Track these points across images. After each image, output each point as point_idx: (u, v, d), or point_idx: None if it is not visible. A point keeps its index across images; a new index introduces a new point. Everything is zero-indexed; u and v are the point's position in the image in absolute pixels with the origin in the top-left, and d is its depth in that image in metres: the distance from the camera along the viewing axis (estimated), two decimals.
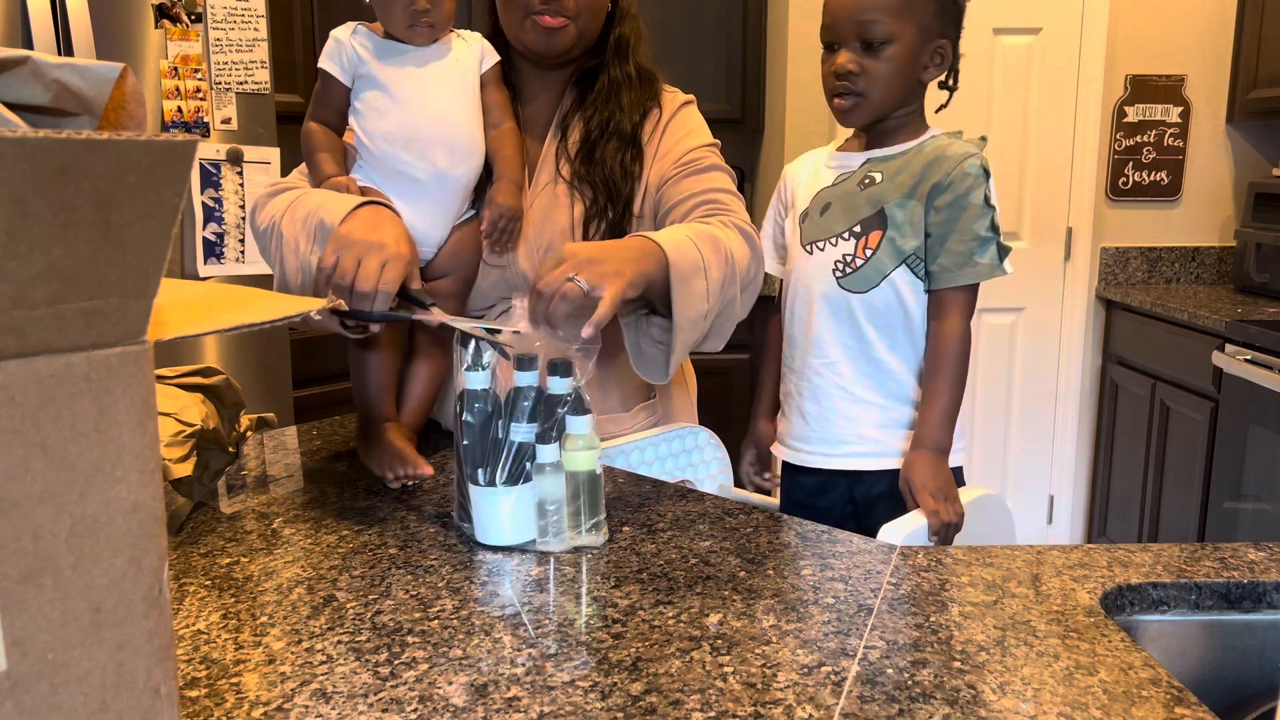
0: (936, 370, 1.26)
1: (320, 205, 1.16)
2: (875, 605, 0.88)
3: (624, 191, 1.31)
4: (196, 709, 0.71)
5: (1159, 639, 0.93)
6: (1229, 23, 3.15)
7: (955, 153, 1.26)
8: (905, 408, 1.30)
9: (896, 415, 1.31)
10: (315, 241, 1.13)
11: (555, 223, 1.32)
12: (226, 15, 2.38)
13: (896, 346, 1.30)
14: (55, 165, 0.38)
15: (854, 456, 1.32)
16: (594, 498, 1.02)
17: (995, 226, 1.25)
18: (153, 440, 0.45)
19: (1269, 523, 2.43)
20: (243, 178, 2.45)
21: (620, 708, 0.71)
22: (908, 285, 1.28)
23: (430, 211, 1.25)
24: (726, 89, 3.32)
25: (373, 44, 1.23)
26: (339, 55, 1.23)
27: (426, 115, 1.23)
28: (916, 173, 1.27)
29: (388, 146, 1.22)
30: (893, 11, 1.23)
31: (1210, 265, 3.34)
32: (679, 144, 1.35)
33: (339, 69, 1.24)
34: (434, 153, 1.22)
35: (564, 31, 1.28)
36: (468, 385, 1.01)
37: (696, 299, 1.14)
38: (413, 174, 1.22)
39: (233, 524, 1.08)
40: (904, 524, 1.16)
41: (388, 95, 1.22)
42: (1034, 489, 3.39)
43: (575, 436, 1.00)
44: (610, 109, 1.33)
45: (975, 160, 1.25)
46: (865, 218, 1.29)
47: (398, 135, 1.22)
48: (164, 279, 0.45)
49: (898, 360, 1.30)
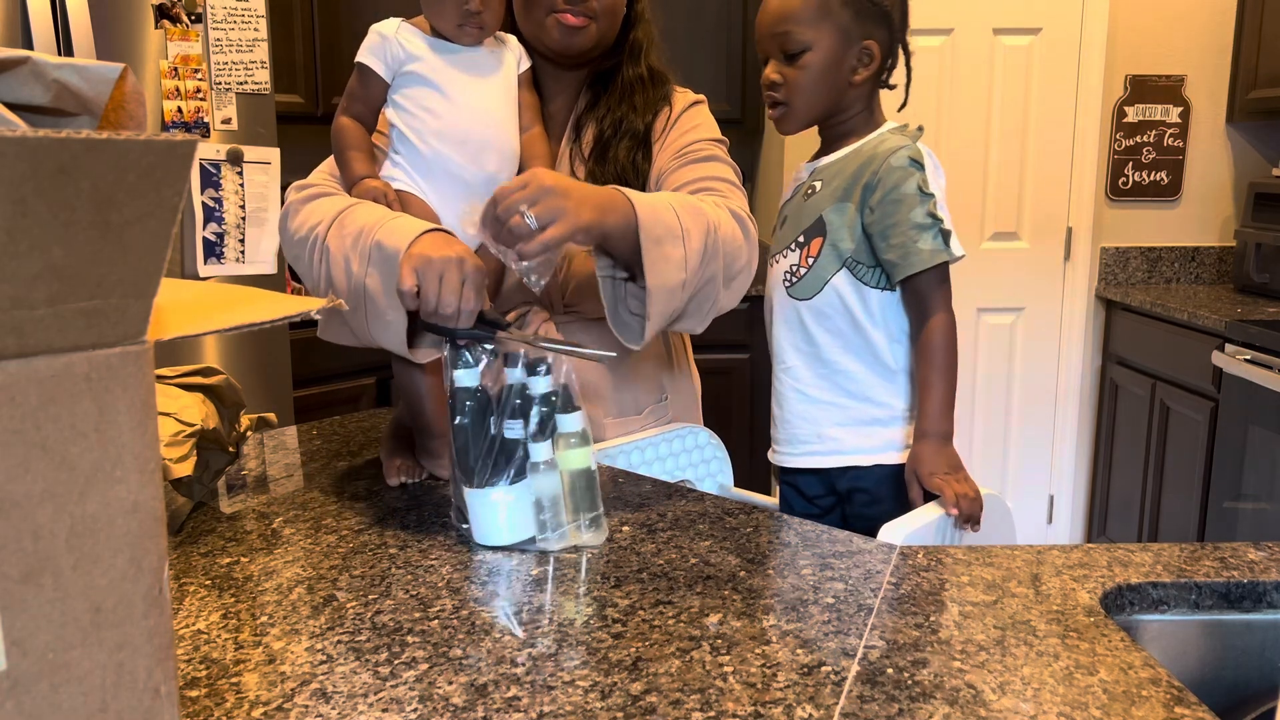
0: (924, 361, 1.28)
1: (375, 225, 1.11)
2: (875, 605, 0.88)
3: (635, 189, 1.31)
4: (196, 709, 0.71)
5: (1159, 639, 0.93)
6: (1229, 23, 3.15)
7: (885, 149, 1.27)
8: (865, 405, 1.32)
9: (856, 413, 1.33)
10: (369, 263, 1.08)
11: None
12: (226, 15, 2.38)
13: (849, 348, 1.32)
14: (55, 165, 0.38)
15: (814, 455, 1.36)
16: (590, 494, 1.02)
17: (933, 213, 1.24)
18: (153, 440, 0.45)
19: (1269, 523, 2.43)
20: (243, 178, 2.45)
21: (620, 708, 0.71)
22: (849, 287, 1.30)
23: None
24: (726, 89, 3.32)
25: (425, 42, 1.20)
26: (383, 51, 1.20)
27: (480, 118, 1.21)
28: (849, 175, 1.30)
29: (440, 146, 1.20)
30: (806, 20, 1.26)
31: (1210, 265, 3.34)
32: (683, 137, 1.36)
33: (382, 64, 1.20)
34: (485, 156, 1.21)
35: (585, 31, 1.29)
36: (457, 384, 1.01)
37: (673, 266, 1.12)
38: (464, 176, 1.20)
39: (233, 524, 1.08)
40: (904, 524, 1.16)
41: (441, 94, 1.19)
42: (1034, 489, 3.39)
43: (567, 434, 1.00)
44: (624, 109, 1.35)
45: (904, 153, 1.26)
46: (807, 227, 1.33)
47: (452, 136, 1.20)
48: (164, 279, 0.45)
49: (852, 360, 1.32)
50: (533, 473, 1.00)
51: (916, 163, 1.25)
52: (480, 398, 1.01)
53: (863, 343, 1.31)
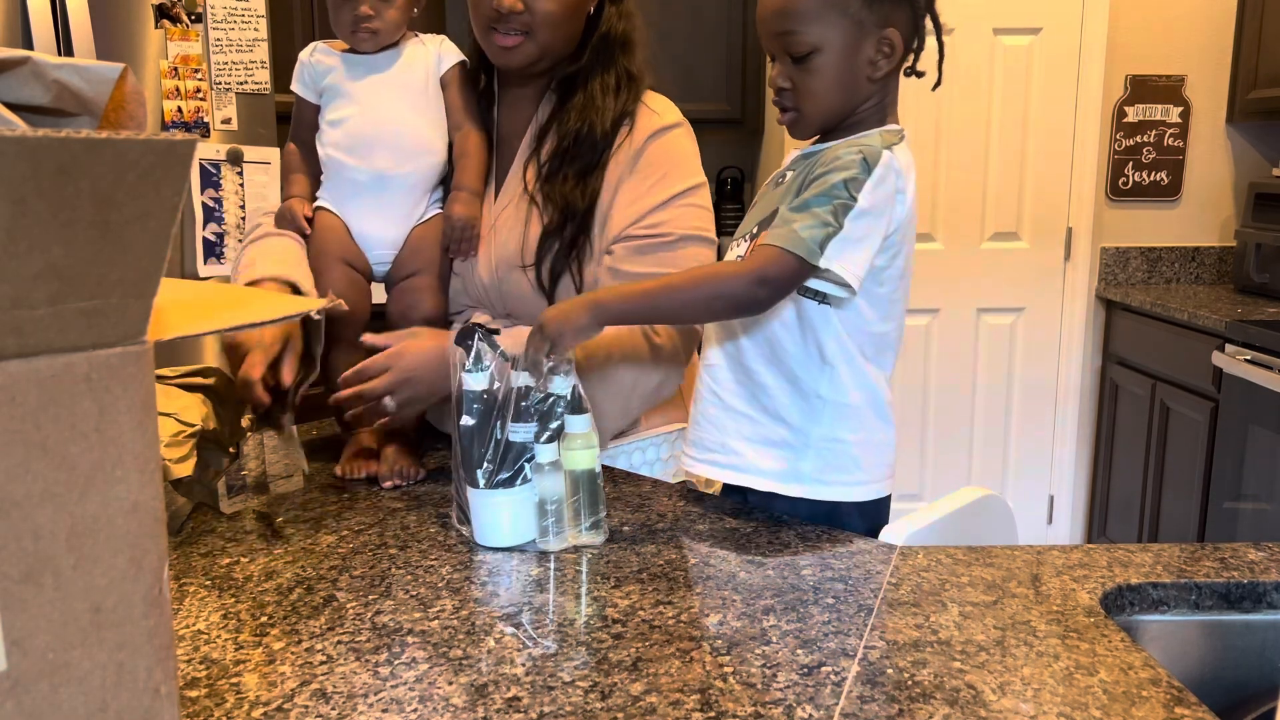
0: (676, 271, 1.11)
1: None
2: (875, 605, 0.88)
3: (578, 212, 1.27)
4: (196, 709, 0.71)
5: (1159, 639, 0.93)
6: (1229, 23, 3.14)
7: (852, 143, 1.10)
8: (775, 425, 1.14)
9: (765, 431, 1.14)
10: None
11: (516, 238, 1.29)
12: (226, 15, 2.38)
13: (770, 359, 1.13)
14: (54, 164, 0.38)
15: (715, 465, 1.19)
16: (593, 496, 1.02)
17: (837, 217, 1.03)
18: (153, 440, 0.45)
19: (1269, 523, 2.43)
20: (243, 178, 2.45)
21: (620, 708, 0.71)
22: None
23: (379, 214, 1.29)
24: (726, 89, 3.32)
25: (336, 58, 1.29)
26: (304, 74, 1.30)
27: (370, 118, 1.27)
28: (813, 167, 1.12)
29: (335, 152, 1.28)
30: (811, 18, 1.08)
31: (1210, 265, 3.34)
32: (648, 194, 1.27)
33: (304, 88, 1.31)
34: (375, 155, 1.26)
35: (519, 50, 1.25)
36: (466, 387, 1.01)
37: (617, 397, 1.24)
38: (355, 178, 1.27)
39: (233, 524, 1.08)
40: (904, 524, 1.16)
41: (346, 103, 1.28)
42: (1034, 489, 3.39)
43: (574, 435, 1.01)
44: (581, 122, 1.28)
45: (859, 150, 1.07)
46: (763, 218, 1.14)
47: (344, 141, 1.27)
48: (164, 279, 0.45)
49: (769, 372, 1.14)
50: (538, 474, 1.00)
51: (867, 165, 1.06)
52: (488, 400, 1.01)
53: (783, 354, 1.13)
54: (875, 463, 1.14)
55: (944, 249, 3.24)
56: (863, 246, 1.05)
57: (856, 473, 1.13)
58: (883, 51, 1.10)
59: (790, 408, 1.13)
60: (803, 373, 1.12)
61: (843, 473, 1.12)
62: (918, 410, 3.32)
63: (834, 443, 1.12)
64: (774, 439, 1.14)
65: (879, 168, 1.06)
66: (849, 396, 1.11)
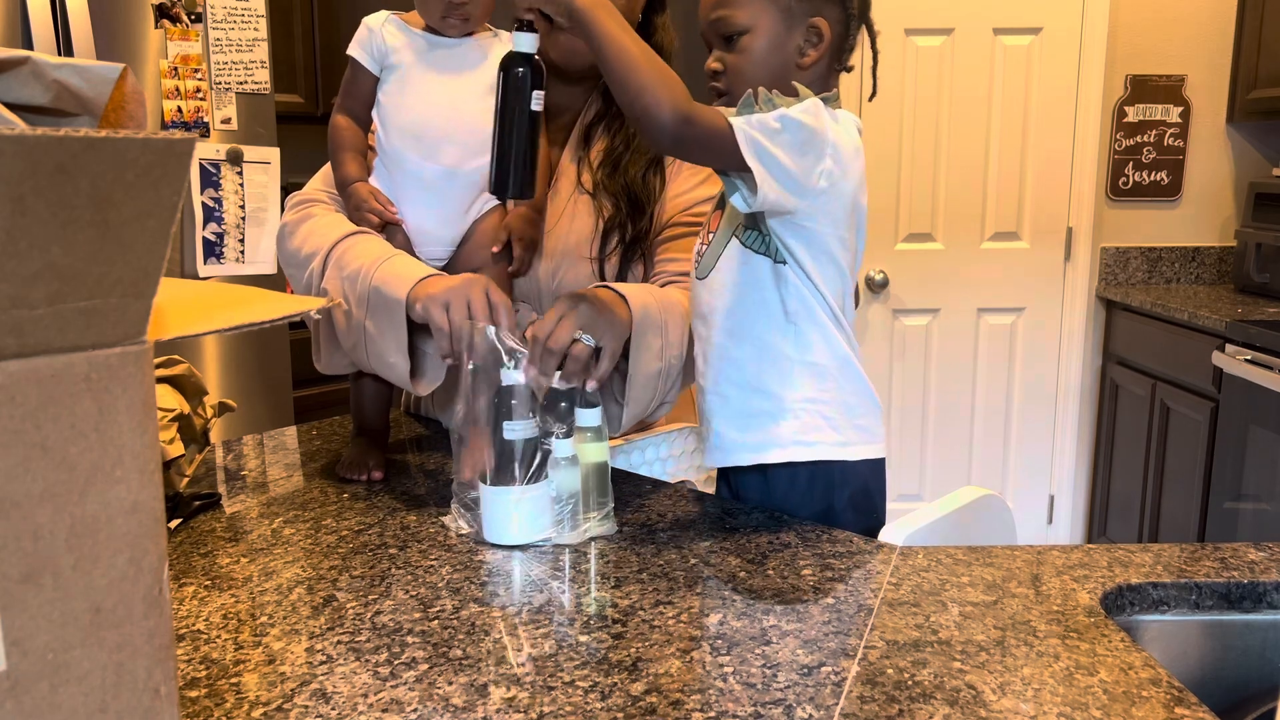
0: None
1: (371, 267, 1.16)
2: (875, 605, 0.88)
3: (645, 205, 1.32)
4: (196, 709, 0.71)
5: (1159, 639, 0.93)
6: (1229, 23, 3.14)
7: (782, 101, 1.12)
8: (750, 395, 1.15)
9: (738, 404, 1.16)
10: (368, 309, 1.15)
11: (575, 233, 1.32)
12: (226, 15, 2.38)
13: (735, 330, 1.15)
14: (53, 164, 0.38)
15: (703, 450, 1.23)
16: (603, 487, 1.05)
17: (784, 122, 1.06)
18: (153, 440, 0.45)
19: (1269, 523, 2.43)
20: (243, 178, 2.45)
21: (620, 708, 0.71)
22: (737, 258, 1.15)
23: (440, 209, 1.25)
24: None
25: (406, 35, 1.21)
26: (369, 43, 1.21)
27: (440, 110, 1.21)
28: None
29: (399, 141, 1.22)
30: (742, 2, 1.15)
31: (1210, 265, 3.34)
32: (695, 189, 1.35)
33: (368, 57, 1.22)
34: (444, 150, 1.21)
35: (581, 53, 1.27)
36: (504, 384, 1.02)
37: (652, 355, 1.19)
38: (418, 172, 1.22)
39: (233, 524, 1.08)
40: (904, 524, 1.16)
41: (410, 87, 1.21)
42: (1034, 489, 3.39)
43: (585, 429, 1.03)
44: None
45: (775, 100, 1.10)
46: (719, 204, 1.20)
47: (410, 129, 1.21)
48: (164, 279, 0.44)
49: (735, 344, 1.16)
50: (554, 469, 1.01)
51: (798, 101, 1.09)
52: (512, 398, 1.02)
53: (749, 323, 1.15)
54: (854, 423, 1.15)
55: (944, 249, 3.24)
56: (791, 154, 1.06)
57: (835, 433, 1.14)
58: (810, 40, 1.16)
59: (760, 375, 1.14)
60: (767, 335, 1.14)
61: (822, 433, 1.14)
62: (918, 410, 3.32)
63: (809, 403, 1.13)
64: (746, 410, 1.15)
65: (808, 101, 1.09)
66: (815, 355, 1.13)
